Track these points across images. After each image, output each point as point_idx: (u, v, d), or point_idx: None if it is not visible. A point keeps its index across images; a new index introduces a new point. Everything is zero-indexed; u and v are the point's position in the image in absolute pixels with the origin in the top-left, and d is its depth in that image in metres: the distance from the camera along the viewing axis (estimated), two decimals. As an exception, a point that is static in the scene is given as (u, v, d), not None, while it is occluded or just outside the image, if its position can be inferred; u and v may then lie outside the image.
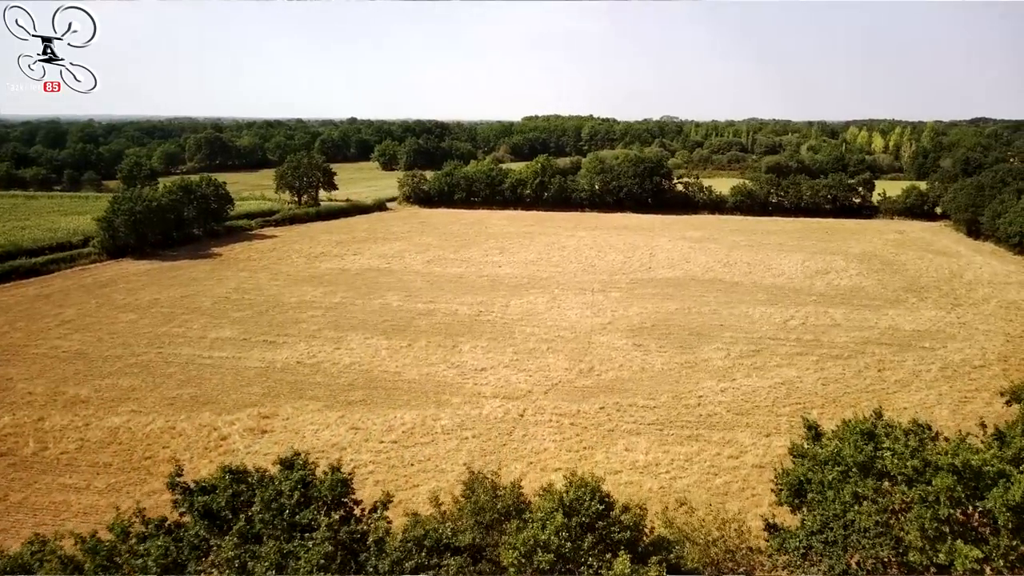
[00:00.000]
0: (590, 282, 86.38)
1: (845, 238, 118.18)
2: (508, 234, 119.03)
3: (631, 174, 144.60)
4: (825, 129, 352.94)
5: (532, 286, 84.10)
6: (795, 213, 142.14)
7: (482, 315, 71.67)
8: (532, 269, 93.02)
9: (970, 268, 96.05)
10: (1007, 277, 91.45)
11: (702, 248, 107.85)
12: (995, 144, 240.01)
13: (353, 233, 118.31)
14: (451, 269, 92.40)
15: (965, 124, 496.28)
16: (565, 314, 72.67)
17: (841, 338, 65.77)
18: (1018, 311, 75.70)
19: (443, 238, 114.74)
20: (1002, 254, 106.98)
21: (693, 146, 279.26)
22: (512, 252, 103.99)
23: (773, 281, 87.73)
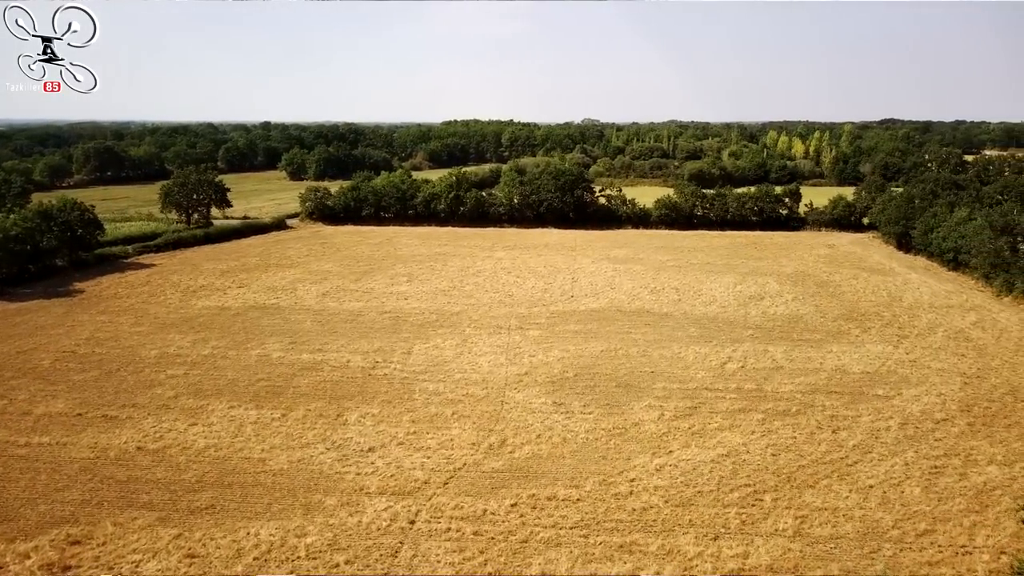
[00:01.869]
0: (507, 317, 77.07)
1: (775, 255, 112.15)
2: (419, 257, 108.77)
3: (551, 187, 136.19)
4: (744, 133, 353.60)
5: (440, 324, 74.27)
6: (721, 226, 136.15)
7: (378, 367, 61.41)
8: (442, 301, 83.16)
9: (908, 288, 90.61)
10: (947, 299, 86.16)
11: (627, 271, 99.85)
12: (910, 147, 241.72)
13: (244, 259, 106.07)
14: (349, 304, 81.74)
15: (876, 125, 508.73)
16: (476, 362, 63.08)
17: (786, 386, 58.09)
18: (967, 342, 69.74)
19: (345, 263, 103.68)
20: (936, 270, 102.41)
21: (615, 152, 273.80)
22: (421, 279, 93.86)
23: (704, 311, 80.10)
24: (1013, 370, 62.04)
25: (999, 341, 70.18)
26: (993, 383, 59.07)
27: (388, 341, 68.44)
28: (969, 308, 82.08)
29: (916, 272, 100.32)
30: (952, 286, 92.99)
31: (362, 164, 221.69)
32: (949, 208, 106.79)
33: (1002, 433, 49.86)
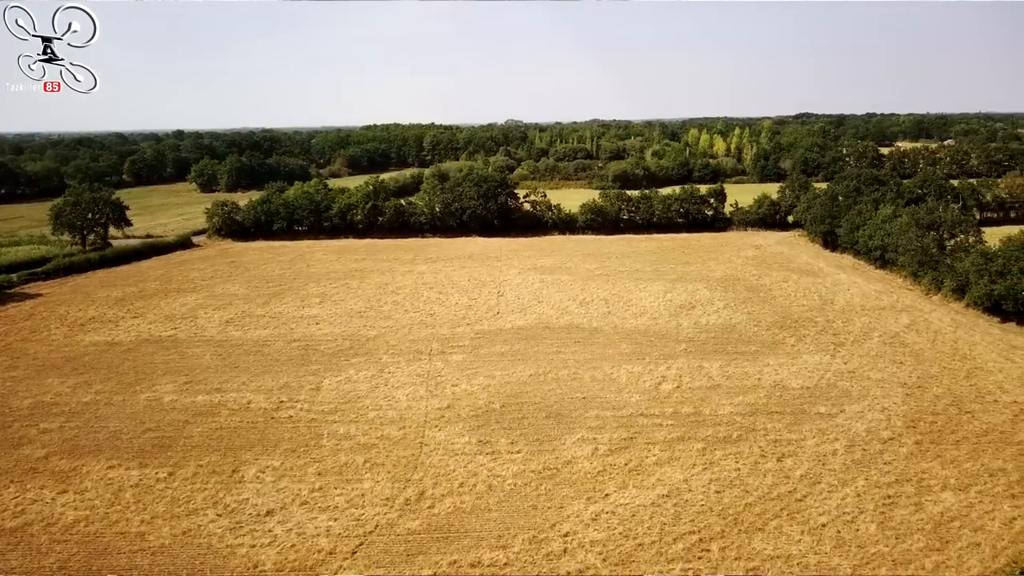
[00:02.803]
0: (428, 340, 71.87)
1: (703, 258, 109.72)
2: (333, 274, 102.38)
3: (474, 195, 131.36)
4: (665, 131, 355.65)
5: (355, 351, 68.59)
6: (648, 229, 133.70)
7: (283, 408, 55.47)
8: (357, 325, 77.36)
9: (838, 290, 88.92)
10: (878, 300, 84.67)
11: (555, 281, 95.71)
12: (827, 142, 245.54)
13: (142, 284, 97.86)
14: (255, 332, 75.22)
15: (792, 120, 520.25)
16: (393, 396, 57.72)
17: (725, 407, 54.57)
18: (903, 347, 67.76)
19: (252, 284, 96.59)
20: (864, 269, 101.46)
21: (539, 154, 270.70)
22: (335, 300, 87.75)
23: (635, 324, 76.45)
24: (953, 377, 60.01)
25: (935, 345, 68.42)
26: (935, 393, 56.79)
27: (295, 375, 62.42)
28: (901, 309, 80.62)
29: (845, 272, 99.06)
30: (881, 285, 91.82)
31: (277, 173, 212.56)
32: (874, 205, 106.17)
33: (951, 451, 47.21)
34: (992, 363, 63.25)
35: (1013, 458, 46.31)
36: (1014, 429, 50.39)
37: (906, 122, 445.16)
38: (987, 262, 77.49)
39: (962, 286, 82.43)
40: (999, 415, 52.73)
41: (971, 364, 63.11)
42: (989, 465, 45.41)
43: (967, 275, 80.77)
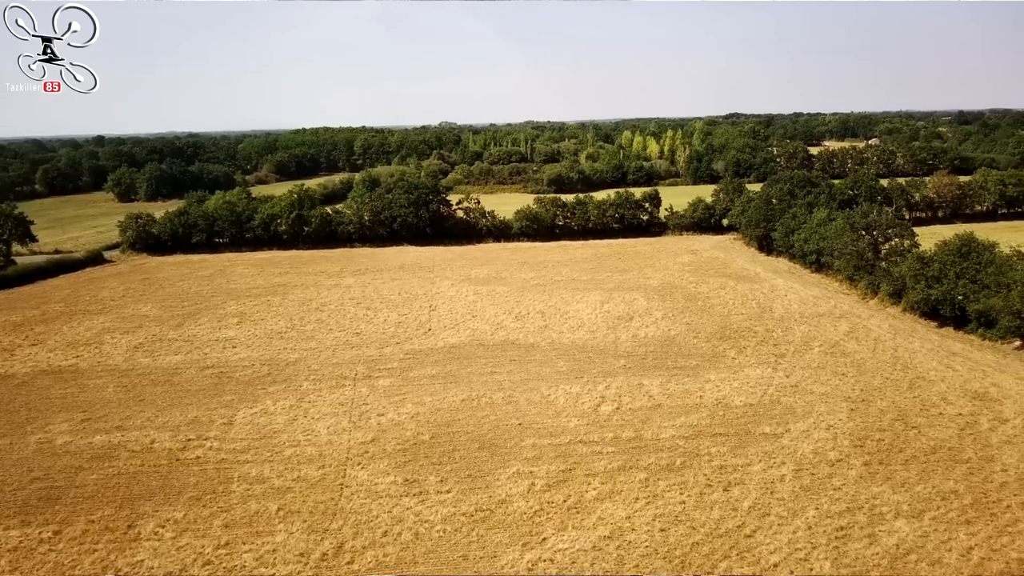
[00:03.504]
0: (353, 362, 67.52)
1: (640, 265, 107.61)
2: (254, 290, 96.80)
3: (405, 202, 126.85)
4: (599, 133, 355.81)
5: (273, 378, 63.83)
6: (584, 235, 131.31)
7: (190, 448, 50.55)
8: (277, 347, 72.48)
9: (776, 297, 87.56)
10: (816, 306, 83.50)
11: (489, 293, 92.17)
12: (758, 143, 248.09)
13: (45, 306, 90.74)
14: (165, 358, 69.66)
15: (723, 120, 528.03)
16: (313, 429, 53.34)
17: (667, 430, 51.83)
18: (844, 357, 66.26)
19: (166, 304, 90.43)
20: (801, 273, 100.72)
21: (472, 158, 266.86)
22: (255, 320, 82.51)
23: (573, 338, 73.46)
24: (896, 389, 58.51)
25: (875, 354, 67.12)
26: (880, 407, 55.09)
27: (207, 408, 57.43)
28: (840, 316, 79.49)
29: (781, 277, 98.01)
30: (818, 290, 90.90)
31: (200, 181, 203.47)
32: (808, 209, 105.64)
33: (901, 473, 45.24)
34: (934, 372, 62.10)
35: (964, 478, 44.56)
36: (961, 445, 48.79)
37: (832, 121, 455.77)
38: (923, 267, 76.87)
39: (899, 290, 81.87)
40: (945, 430, 51.17)
41: (913, 374, 61.84)
42: (940, 487, 43.53)
43: (904, 280, 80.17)
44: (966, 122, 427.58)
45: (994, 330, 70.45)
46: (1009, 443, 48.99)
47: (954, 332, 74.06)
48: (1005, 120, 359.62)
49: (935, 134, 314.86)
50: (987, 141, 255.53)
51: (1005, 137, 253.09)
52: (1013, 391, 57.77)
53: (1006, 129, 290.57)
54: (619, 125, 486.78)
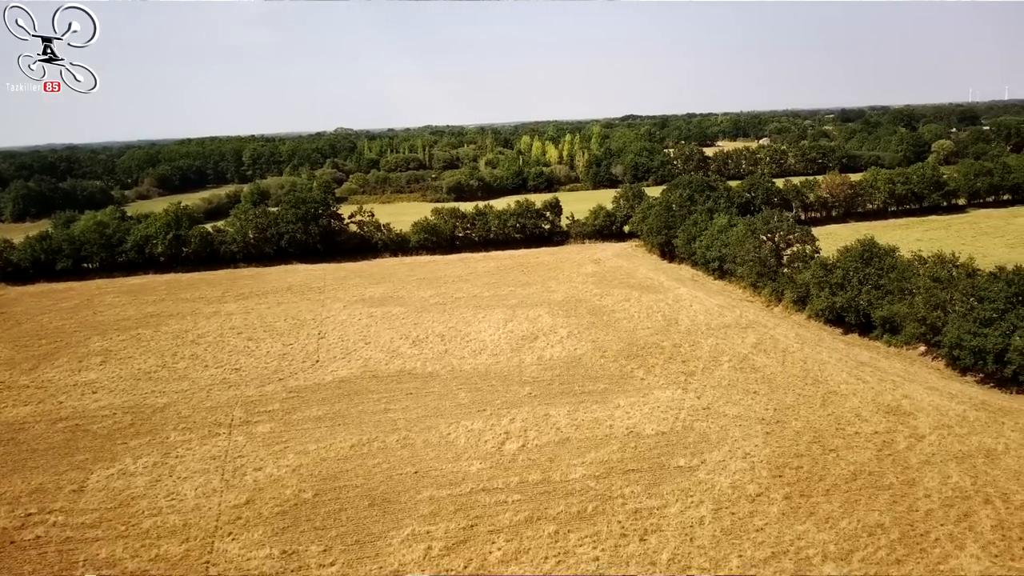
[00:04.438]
0: (229, 405, 60.70)
1: (544, 278, 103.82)
2: (124, 323, 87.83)
3: (292, 218, 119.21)
4: (499, 138, 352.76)
5: (136, 430, 56.47)
6: (485, 246, 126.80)
7: (28, 525, 43.05)
8: (144, 390, 64.82)
9: (681, 308, 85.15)
10: (721, 316, 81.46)
11: (385, 315, 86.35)
12: (655, 146, 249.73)
13: None
14: (11, 411, 60.92)
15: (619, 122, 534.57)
16: (179, 491, 46.62)
17: (576, 469, 47.64)
18: (754, 373, 63.88)
19: (20, 343, 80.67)
20: (704, 280, 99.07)
21: (369, 166, 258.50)
22: (121, 358, 74.23)
23: (475, 363, 68.71)
24: (810, 407, 56.19)
25: (785, 367, 65.02)
26: (795, 428, 52.51)
27: (54, 471, 49.79)
28: (746, 326, 77.51)
29: (685, 286, 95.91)
30: (722, 299, 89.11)
31: (73, 199, 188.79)
32: (708, 215, 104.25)
33: (824, 506, 42.32)
34: (845, 385, 60.27)
35: (888, 507, 41.99)
36: (881, 469, 46.43)
37: (724, 122, 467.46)
38: (827, 274, 75.66)
39: (803, 297, 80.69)
40: (863, 451, 48.86)
41: (824, 388, 59.83)
42: (865, 520, 40.78)
43: (808, 287, 78.91)
44: (848, 120, 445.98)
45: (899, 336, 69.61)
46: (928, 463, 46.96)
47: (860, 339, 73.08)
48: (885, 118, 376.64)
49: (822, 133, 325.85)
50: (871, 139, 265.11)
51: (888, 135, 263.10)
52: (925, 402, 56.34)
53: (888, 127, 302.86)
54: (518, 129, 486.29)
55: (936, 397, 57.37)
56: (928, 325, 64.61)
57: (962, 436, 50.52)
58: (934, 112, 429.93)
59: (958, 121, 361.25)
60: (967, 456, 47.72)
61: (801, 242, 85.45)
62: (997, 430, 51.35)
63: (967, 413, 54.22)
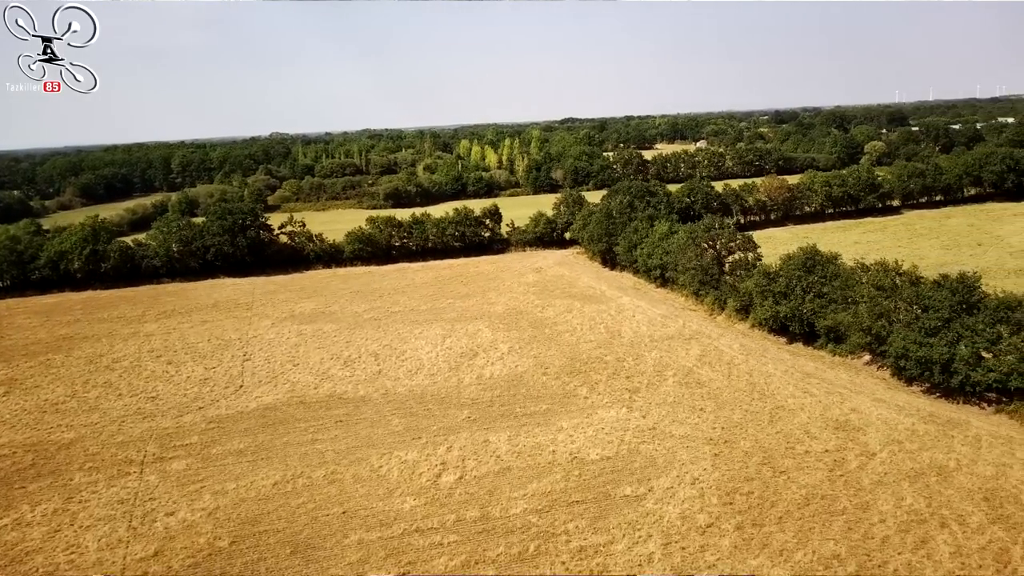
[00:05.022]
0: (143, 439, 56.05)
1: (484, 289, 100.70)
2: (33, 347, 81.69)
3: (218, 230, 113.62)
4: (437, 142, 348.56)
5: (38, 471, 51.51)
6: (423, 255, 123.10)
7: (-103, 596, 38.23)
8: (50, 425, 59.63)
9: (624, 318, 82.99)
10: (664, 326, 79.51)
11: (315, 333, 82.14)
12: (594, 150, 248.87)
13: None
14: None
15: (558, 125, 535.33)
16: (80, 543, 42.09)
17: (517, 503, 44.63)
18: (700, 388, 61.86)
19: (-87, 375, 74.21)
20: (646, 288, 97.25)
21: (303, 172, 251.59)
22: (27, 388, 68.59)
23: (410, 385, 65.22)
24: (758, 424, 54.27)
25: (731, 381, 63.16)
26: (744, 449, 50.42)
27: (-65, 528, 44.66)
28: (690, 337, 75.63)
29: (628, 294, 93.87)
30: (665, 308, 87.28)
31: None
32: (649, 222, 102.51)
33: (777, 535, 40.13)
34: (792, 399, 58.58)
35: (843, 535, 39.98)
36: (834, 492, 44.50)
37: (662, 124, 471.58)
38: (770, 282, 74.20)
39: (746, 306, 79.26)
40: (814, 472, 46.94)
41: (772, 403, 58.04)
42: (820, 551, 38.69)
43: (751, 295, 77.45)
44: (783, 121, 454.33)
45: (844, 345, 68.55)
46: (881, 484, 45.24)
47: (804, 348, 71.87)
48: (818, 119, 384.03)
49: (758, 135, 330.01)
50: (806, 141, 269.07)
51: (822, 136, 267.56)
52: (873, 416, 54.91)
53: (821, 128, 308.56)
54: (457, 132, 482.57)
55: (884, 410, 56.04)
56: (873, 335, 63.51)
57: (913, 452, 49.08)
58: (864, 113, 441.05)
59: (888, 122, 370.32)
60: (920, 474, 46.18)
61: (743, 249, 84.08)
62: (947, 444, 50.07)
63: (916, 426, 52.93)
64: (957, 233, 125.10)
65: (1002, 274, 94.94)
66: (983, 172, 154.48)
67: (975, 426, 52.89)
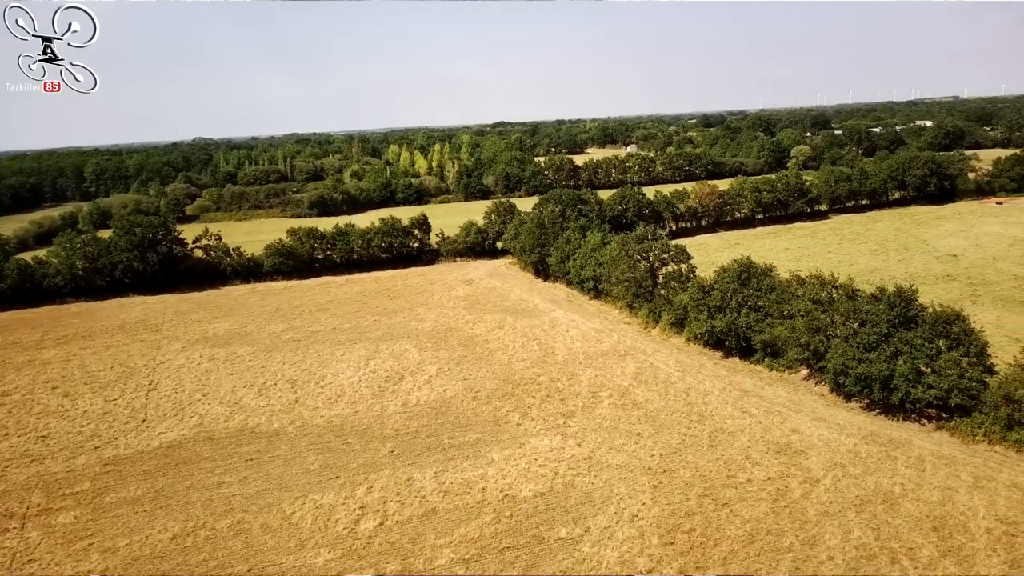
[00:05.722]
0: (28, 487, 50.32)
1: (412, 303, 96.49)
2: (-89, 380, 74.20)
3: (127, 245, 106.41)
4: (366, 147, 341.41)
5: (-103, 532, 45.34)
6: (348, 268, 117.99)
7: None
8: (-81, 474, 53.15)
9: (557, 334, 79.99)
10: (599, 342, 76.79)
11: (229, 358, 76.75)
12: (525, 155, 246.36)
13: None
14: None
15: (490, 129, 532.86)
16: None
17: (443, 552, 40.91)
18: (637, 410, 59.18)
19: None
20: (580, 301, 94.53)
21: (225, 179, 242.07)
22: (-102, 430, 61.57)
23: (329, 415, 60.75)
24: (697, 450, 51.71)
25: (668, 401, 60.63)
26: (684, 479, 47.71)
27: None
28: (624, 352, 73.03)
29: (561, 308, 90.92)
30: (599, 321, 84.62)
31: None
32: (581, 231, 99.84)
33: (722, 582, 37.32)
34: (731, 420, 56.30)
35: (791, 577, 37.41)
36: (779, 525, 42.08)
37: (592, 128, 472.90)
38: (704, 296, 72.07)
39: (681, 319, 77.05)
40: (758, 504, 44.48)
41: (711, 425, 55.65)
42: (770, 598, 35.97)
43: (685, 309, 75.28)
44: (710, 124, 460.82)
45: (781, 360, 66.78)
46: (827, 515, 43.01)
47: (741, 363, 69.95)
48: (745, 123, 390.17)
49: (687, 139, 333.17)
50: (734, 145, 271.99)
51: (749, 140, 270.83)
52: (814, 437, 52.96)
53: (748, 132, 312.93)
54: (388, 137, 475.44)
55: (825, 430, 54.17)
56: (811, 350, 61.79)
57: (857, 477, 47.10)
58: (788, 116, 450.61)
59: (812, 125, 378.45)
60: (865, 503, 44.13)
61: (676, 261, 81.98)
62: (891, 467, 48.29)
63: (859, 448, 51.12)
64: (884, 238, 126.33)
65: (930, 280, 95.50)
66: (907, 176, 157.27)
67: (917, 445, 51.36)
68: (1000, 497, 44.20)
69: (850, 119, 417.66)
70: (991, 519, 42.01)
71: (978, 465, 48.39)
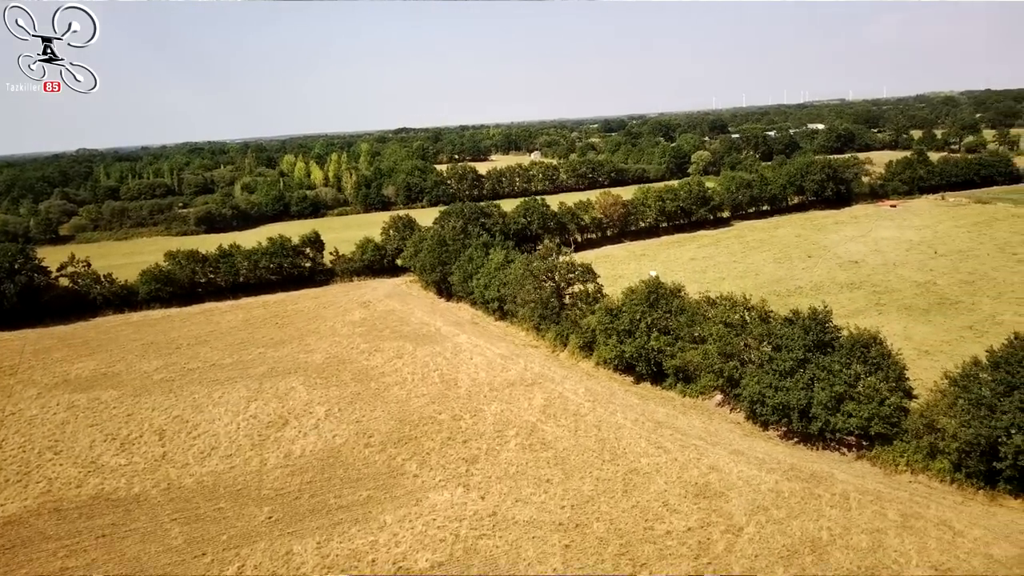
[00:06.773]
0: None
1: (302, 331, 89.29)
2: None
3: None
4: (261, 157, 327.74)
5: None
6: (234, 292, 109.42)
7: None
8: None
9: (461, 363, 74.79)
10: (505, 370, 72.05)
11: (91, 405, 68.17)
12: (427, 165, 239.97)
13: None
14: None
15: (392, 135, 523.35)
16: None
17: (324, 649, 34.80)
18: (545, 451, 54.52)
19: None
20: (485, 323, 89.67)
21: (106, 195, 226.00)
22: None
23: (200, 473, 53.60)
24: (610, 496, 47.36)
25: (578, 438, 56.20)
26: (598, 535, 43.17)
27: None
28: (532, 382, 68.41)
29: (465, 331, 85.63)
30: (505, 346, 79.78)
31: None
32: (484, 249, 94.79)
33: (645, 667, 32.69)
34: (646, 458, 52.30)
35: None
36: (705, 593, 37.83)
37: (496, 135, 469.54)
38: (613, 319, 68.10)
39: (589, 343, 72.99)
40: (679, 562, 40.44)
41: (624, 465, 51.50)
42: None
43: (593, 332, 71.21)
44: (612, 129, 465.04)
45: (694, 385, 63.47)
46: (753, 571, 39.07)
47: (653, 389, 66.42)
48: (645, 128, 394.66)
49: (589, 145, 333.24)
50: (636, 151, 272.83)
51: (650, 146, 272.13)
52: (734, 475, 49.40)
53: (648, 138, 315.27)
54: (285, 145, 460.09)
55: (744, 465, 50.69)
56: (725, 376, 58.49)
57: (781, 522, 43.54)
58: (687, 120, 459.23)
59: (710, 129, 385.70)
60: (793, 553, 40.53)
61: (582, 281, 77.92)
62: (816, 507, 45.02)
63: (780, 486, 47.76)
64: (787, 244, 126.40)
65: (835, 288, 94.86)
66: (805, 182, 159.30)
67: (840, 480, 48.40)
68: (931, 539, 41.34)
69: (746, 123, 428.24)
70: (924, 566, 39.02)
71: (904, 500, 45.67)
